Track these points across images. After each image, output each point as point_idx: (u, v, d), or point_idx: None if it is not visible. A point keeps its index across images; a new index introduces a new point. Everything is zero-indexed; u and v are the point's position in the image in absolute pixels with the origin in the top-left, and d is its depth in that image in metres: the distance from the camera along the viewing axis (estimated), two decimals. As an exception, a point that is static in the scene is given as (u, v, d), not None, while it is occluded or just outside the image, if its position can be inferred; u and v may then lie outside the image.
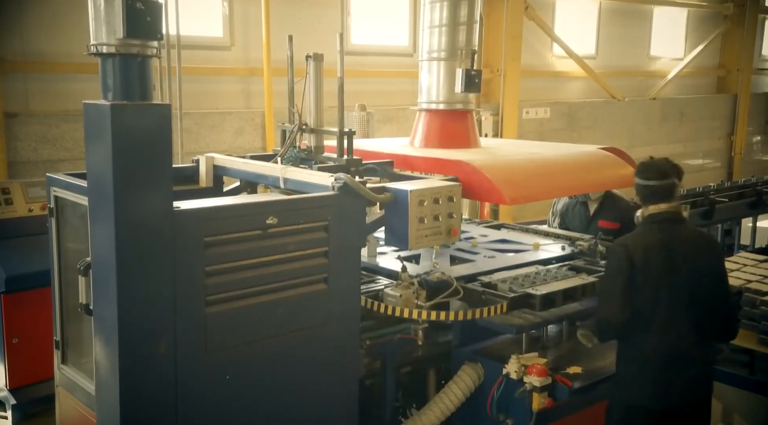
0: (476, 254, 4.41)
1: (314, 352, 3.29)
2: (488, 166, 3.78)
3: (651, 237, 3.49)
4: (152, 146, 2.69)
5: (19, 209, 5.53)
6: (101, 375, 2.93)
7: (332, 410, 3.40)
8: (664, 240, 3.49)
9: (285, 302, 3.15)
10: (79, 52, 7.79)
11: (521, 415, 3.59)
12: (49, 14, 7.82)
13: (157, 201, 2.73)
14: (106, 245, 2.72)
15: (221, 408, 3.01)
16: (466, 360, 3.83)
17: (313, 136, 4.00)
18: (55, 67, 7.90)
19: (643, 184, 3.57)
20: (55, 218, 3.64)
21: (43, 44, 7.79)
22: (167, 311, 2.82)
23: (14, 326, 5.26)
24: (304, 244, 3.19)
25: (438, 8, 4.53)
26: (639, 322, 3.43)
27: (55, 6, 7.82)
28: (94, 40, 2.84)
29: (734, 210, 8.82)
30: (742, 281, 4.21)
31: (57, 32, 7.87)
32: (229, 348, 3.01)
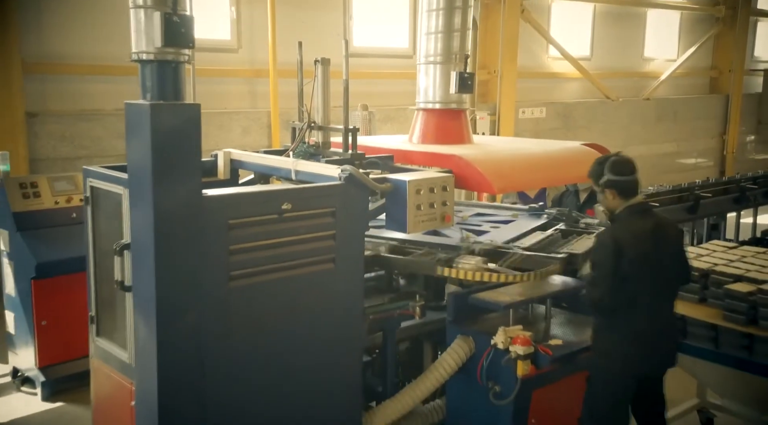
0: (481, 226, 4.80)
1: (322, 324, 3.71)
2: (479, 159, 4.21)
3: (635, 227, 3.87)
4: (184, 140, 3.11)
5: (46, 202, 5.94)
6: (140, 341, 3.35)
7: (338, 376, 3.82)
8: (646, 228, 3.88)
9: (297, 278, 3.57)
10: (93, 55, 8.31)
11: (508, 382, 4.01)
12: (64, 18, 8.22)
13: (188, 189, 3.15)
14: (145, 227, 3.14)
15: (241, 367, 3.43)
16: (459, 334, 4.26)
17: (321, 133, 4.41)
18: (70, 69, 8.31)
19: (621, 179, 3.88)
20: (90, 206, 4.06)
21: (59, 47, 8.20)
22: (196, 285, 3.23)
23: (43, 309, 5.68)
24: (314, 228, 3.61)
25: (434, 16, 4.95)
26: (627, 302, 3.83)
27: (71, 10, 8.24)
28: (135, 49, 3.27)
29: (719, 205, 9.20)
30: (709, 265, 4.63)
31: (72, 35, 8.28)
32: (249, 318, 3.43)
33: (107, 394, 4.09)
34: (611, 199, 3.92)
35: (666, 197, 8.58)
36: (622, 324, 3.86)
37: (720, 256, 4.88)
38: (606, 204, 3.98)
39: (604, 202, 3.99)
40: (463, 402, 4.31)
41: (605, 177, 3.90)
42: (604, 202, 3.99)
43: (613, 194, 3.91)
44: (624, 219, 3.90)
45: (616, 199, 3.91)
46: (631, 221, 3.87)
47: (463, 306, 4.31)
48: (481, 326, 4.25)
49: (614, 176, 3.89)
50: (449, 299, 4.35)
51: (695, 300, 4.55)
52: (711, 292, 4.48)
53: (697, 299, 4.54)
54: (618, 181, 3.89)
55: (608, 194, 3.92)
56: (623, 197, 3.90)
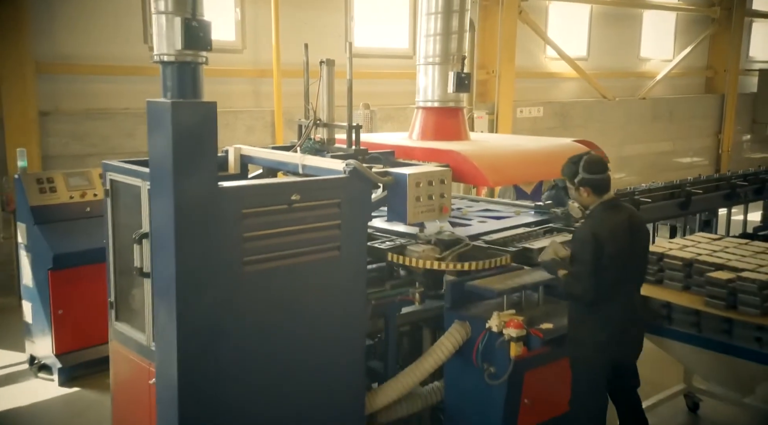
0: (470, 221, 5.09)
1: (329, 308, 3.97)
2: (475, 155, 4.48)
3: (612, 221, 4.11)
4: (202, 136, 3.37)
5: (62, 197, 6.22)
6: (160, 323, 3.60)
7: (343, 357, 4.08)
8: (622, 223, 4.13)
9: (305, 265, 3.83)
10: (102, 55, 8.58)
11: (502, 363, 4.26)
12: (75, 20, 8.50)
13: (206, 181, 3.41)
14: (166, 217, 3.40)
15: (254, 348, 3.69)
16: (456, 320, 4.52)
17: (326, 130, 4.68)
18: (80, 69, 8.60)
19: (595, 177, 4.10)
20: (110, 198, 4.33)
21: (70, 48, 8.48)
22: (213, 270, 3.50)
23: (60, 299, 5.95)
24: (320, 218, 3.87)
25: (433, 19, 5.22)
26: (605, 293, 4.10)
27: (81, 13, 8.52)
28: (156, 51, 3.54)
29: (710, 202, 9.45)
30: (693, 255, 4.89)
31: (82, 37, 8.57)
32: (261, 301, 3.69)
33: (126, 374, 4.36)
34: (586, 196, 4.13)
35: (658, 193, 8.86)
36: (596, 315, 4.09)
37: (704, 247, 5.14)
38: (581, 201, 4.19)
39: (579, 199, 4.19)
40: (460, 383, 4.57)
41: (580, 176, 4.10)
42: (579, 199, 4.19)
43: (588, 191, 4.12)
44: (599, 215, 4.10)
45: (590, 196, 4.12)
46: (606, 217, 4.07)
47: (460, 294, 4.57)
48: (477, 312, 4.51)
49: (588, 175, 4.10)
50: (447, 287, 4.61)
51: (679, 288, 4.80)
52: (694, 280, 4.73)
53: (681, 286, 4.80)
54: (592, 179, 4.10)
55: (583, 191, 4.13)
56: (597, 194, 4.12)
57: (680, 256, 4.87)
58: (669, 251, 4.99)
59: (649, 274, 4.95)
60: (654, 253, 4.99)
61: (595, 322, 4.11)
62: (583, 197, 4.14)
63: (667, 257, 4.92)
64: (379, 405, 4.35)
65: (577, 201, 4.22)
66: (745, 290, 4.37)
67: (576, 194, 4.19)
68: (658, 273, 4.94)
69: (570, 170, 4.15)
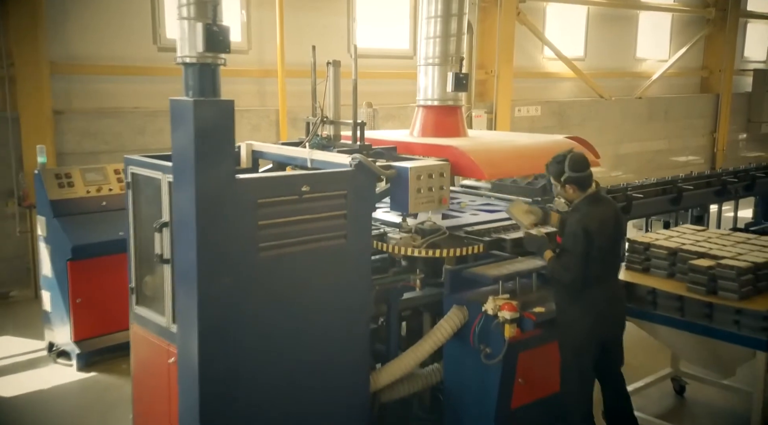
0: (463, 213, 5.41)
1: (336, 292, 4.27)
2: (472, 150, 4.78)
3: (599, 213, 4.41)
4: (221, 131, 3.67)
5: (79, 191, 6.52)
6: (181, 305, 3.90)
7: (349, 337, 4.38)
8: (607, 214, 4.45)
9: (314, 251, 4.13)
10: (113, 56, 8.88)
11: (497, 344, 4.57)
12: (87, 22, 8.80)
13: (224, 173, 3.72)
14: (187, 206, 3.70)
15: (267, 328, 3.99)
16: (454, 304, 4.83)
17: (332, 127, 4.99)
18: (93, 69, 8.89)
19: (580, 175, 4.39)
20: (131, 190, 4.63)
21: (83, 49, 8.78)
22: (230, 256, 3.80)
23: (78, 288, 6.25)
24: (328, 208, 4.17)
25: (433, 23, 5.52)
26: (592, 279, 4.40)
27: (93, 15, 8.81)
28: (179, 54, 3.84)
29: (701, 198, 9.76)
30: (678, 244, 5.20)
31: (95, 38, 8.86)
32: (274, 284, 3.99)
33: (146, 354, 4.67)
34: (571, 192, 4.43)
35: (650, 189, 9.17)
36: (582, 300, 4.40)
37: (688, 237, 5.45)
38: (566, 196, 4.48)
39: (565, 195, 4.48)
40: (458, 363, 4.88)
41: (566, 174, 4.40)
42: (565, 195, 4.48)
43: (574, 188, 4.42)
44: (584, 208, 4.40)
45: (576, 192, 4.42)
46: (592, 210, 4.37)
47: (458, 280, 4.88)
48: (474, 297, 4.82)
49: (574, 173, 4.40)
50: (446, 274, 4.92)
51: (664, 275, 5.12)
52: (678, 268, 5.05)
53: (666, 274, 5.11)
54: (578, 177, 4.40)
55: (569, 188, 4.43)
56: (582, 190, 4.43)
57: (665, 245, 5.18)
58: (655, 241, 5.30)
59: (636, 262, 5.30)
60: (641, 243, 5.31)
61: (582, 307, 4.41)
62: (569, 192, 4.44)
63: (653, 246, 5.24)
64: (383, 383, 4.66)
65: (563, 197, 4.51)
66: (725, 277, 4.69)
67: (562, 191, 4.49)
68: (645, 262, 5.25)
69: (556, 169, 4.44)
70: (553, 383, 4.74)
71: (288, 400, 4.13)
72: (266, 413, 4.05)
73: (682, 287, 4.90)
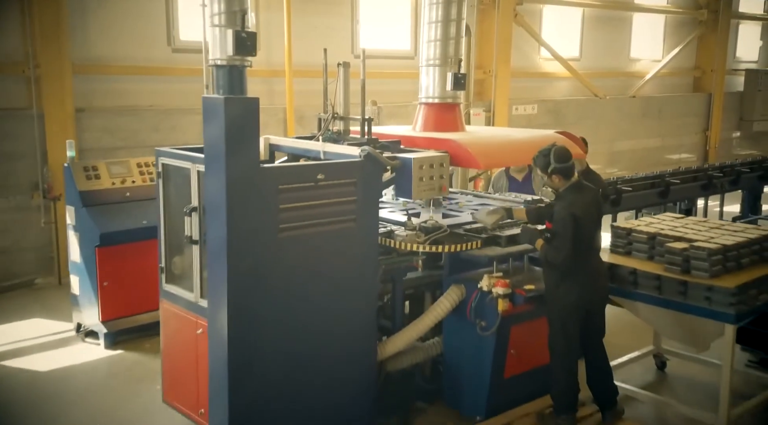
0: (461, 212, 5.92)
1: (346, 270, 4.76)
2: (468, 142, 5.28)
3: (582, 198, 4.92)
4: (248, 125, 4.17)
5: (105, 183, 7.02)
6: (212, 281, 4.38)
7: (358, 311, 4.87)
8: (588, 198, 4.97)
9: (328, 233, 4.63)
10: (130, 57, 9.38)
11: (491, 318, 5.08)
12: (106, 25, 9.31)
13: (250, 162, 4.21)
14: (218, 192, 4.18)
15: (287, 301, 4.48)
16: (453, 283, 5.33)
17: (342, 122, 5.48)
18: (111, 70, 9.40)
19: (564, 166, 4.88)
20: (162, 179, 5.13)
21: (102, 50, 9.29)
22: (255, 236, 4.29)
23: (105, 272, 6.75)
24: (340, 194, 4.66)
25: (434, 28, 6.01)
26: (579, 256, 4.91)
27: (112, 18, 9.32)
28: (211, 57, 4.34)
29: (688, 191, 10.27)
30: (657, 230, 5.69)
31: (113, 40, 9.37)
32: (293, 262, 4.48)
33: (175, 327, 5.16)
34: (557, 181, 4.92)
35: (639, 182, 9.67)
36: (570, 278, 4.90)
37: (667, 224, 5.94)
38: (553, 186, 4.98)
39: (551, 184, 4.97)
40: (456, 337, 5.39)
41: (552, 165, 4.88)
42: (551, 184, 4.97)
43: (559, 177, 4.92)
44: (569, 195, 4.90)
45: (561, 181, 4.92)
46: (576, 196, 4.88)
47: (457, 261, 5.39)
48: (471, 277, 5.32)
49: (559, 164, 4.89)
50: (445, 257, 5.43)
51: (644, 257, 5.61)
52: (656, 250, 5.54)
53: (646, 256, 5.60)
54: (563, 167, 4.90)
55: (555, 178, 4.92)
56: (566, 179, 4.93)
57: (646, 230, 5.68)
58: (637, 227, 5.80)
59: (619, 246, 5.79)
60: (624, 228, 5.80)
61: (570, 284, 4.91)
62: (555, 182, 4.94)
63: (635, 232, 5.73)
64: (389, 353, 5.16)
65: (549, 186, 5.02)
66: (697, 257, 5.18)
67: (548, 181, 4.99)
68: (627, 245, 5.74)
69: (542, 161, 4.93)
70: (542, 356, 5.23)
71: (305, 364, 4.63)
72: (286, 375, 4.54)
73: (660, 267, 5.39)
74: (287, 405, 4.58)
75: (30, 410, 5.60)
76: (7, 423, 5.39)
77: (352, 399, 4.90)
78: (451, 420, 5.40)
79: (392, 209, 5.95)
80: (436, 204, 6.03)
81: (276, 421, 4.56)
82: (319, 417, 4.76)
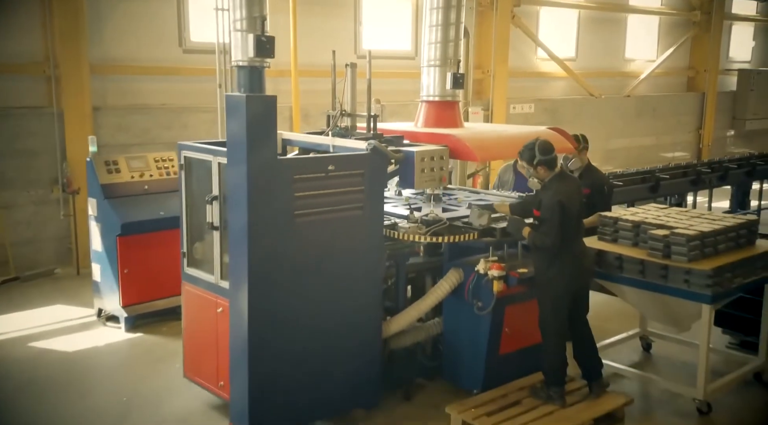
0: (460, 207, 6.35)
1: (355, 253, 5.20)
2: (466, 137, 5.73)
3: (566, 187, 5.36)
4: (267, 120, 4.62)
5: (125, 176, 7.47)
6: (233, 262, 4.81)
7: (365, 291, 5.31)
8: (572, 186, 5.41)
9: (338, 219, 5.07)
10: (143, 58, 9.84)
11: (487, 298, 5.52)
12: (121, 27, 9.75)
13: (269, 153, 4.66)
14: (239, 181, 4.62)
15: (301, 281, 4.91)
16: (452, 267, 5.77)
17: (350, 119, 5.92)
18: (125, 70, 9.85)
19: (548, 158, 5.32)
20: (184, 171, 5.58)
21: (116, 51, 9.72)
22: (273, 220, 4.73)
23: (126, 260, 7.18)
24: (349, 184, 5.10)
25: (434, 31, 6.46)
26: (565, 240, 5.35)
27: (126, 21, 9.76)
28: (234, 58, 4.80)
29: (677, 186, 10.74)
30: (641, 218, 6.13)
31: (127, 42, 9.81)
32: (306, 245, 4.92)
33: (197, 307, 5.60)
34: (542, 172, 5.36)
35: (630, 177, 10.13)
36: (558, 260, 5.33)
37: (652, 213, 6.38)
38: (538, 176, 5.39)
39: (537, 175, 5.38)
40: (455, 316, 5.83)
41: (537, 158, 5.32)
42: (537, 175, 5.38)
43: (544, 168, 5.35)
44: (554, 185, 5.33)
45: (546, 171, 5.35)
46: (561, 185, 5.32)
47: (456, 248, 5.83)
48: (469, 261, 5.76)
49: (543, 156, 5.33)
50: (445, 245, 5.86)
51: (630, 244, 6.04)
52: (641, 237, 5.98)
53: (631, 243, 6.03)
54: (547, 159, 5.35)
55: (540, 169, 5.35)
56: (550, 169, 5.38)
57: (631, 219, 6.12)
58: (623, 216, 6.24)
59: (606, 234, 6.23)
60: (611, 217, 6.25)
61: (558, 266, 5.35)
62: (540, 173, 5.38)
63: (621, 220, 6.17)
64: (393, 331, 5.61)
65: (535, 177, 5.43)
66: (677, 243, 5.63)
67: (534, 172, 5.41)
68: (614, 233, 6.18)
69: (528, 154, 5.37)
70: (534, 335, 5.65)
71: (317, 339, 5.07)
72: (301, 348, 4.99)
73: (643, 253, 5.83)
74: (301, 376, 5.03)
75: (61, 386, 6.04)
76: (41, 398, 5.82)
77: (360, 371, 5.34)
78: (450, 393, 5.84)
79: (395, 204, 6.40)
80: (436, 199, 6.48)
81: (291, 391, 5.00)
82: (330, 388, 5.21)
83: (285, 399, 4.99)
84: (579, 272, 5.43)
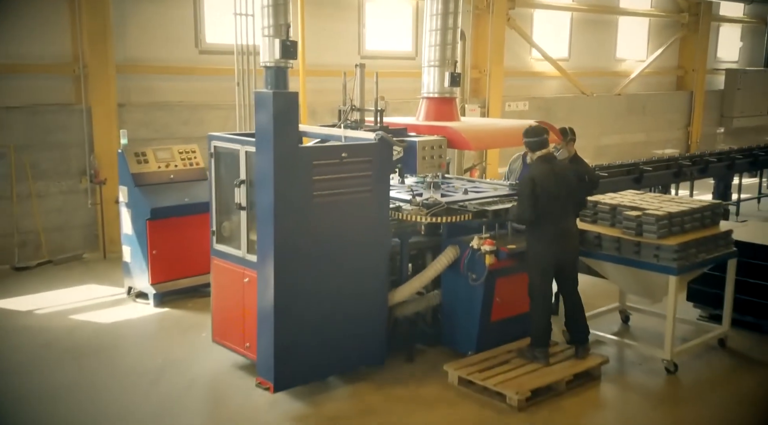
0: (456, 193, 7.12)
1: (365, 229, 5.95)
2: (462, 129, 6.50)
3: (544, 168, 6.11)
4: (290, 114, 5.37)
5: (152, 167, 8.21)
6: (260, 239, 5.55)
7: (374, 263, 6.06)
8: (550, 168, 6.14)
9: (350, 200, 5.81)
10: (163, 58, 10.59)
11: (480, 270, 6.27)
12: (143, 30, 10.48)
13: (292, 142, 5.41)
14: (266, 167, 5.38)
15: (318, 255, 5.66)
16: (450, 244, 6.53)
17: (359, 113, 6.67)
18: (147, 70, 10.58)
19: (530, 140, 6.13)
20: (214, 159, 6.33)
21: (138, 52, 10.47)
22: (295, 201, 5.48)
23: (155, 242, 7.93)
24: (359, 169, 5.84)
25: (434, 34, 7.23)
26: (542, 216, 6.08)
27: (146, 23, 10.50)
28: (262, 59, 5.56)
29: (660, 178, 11.50)
30: (618, 202, 6.88)
31: (148, 43, 10.55)
32: (323, 223, 5.67)
33: (225, 279, 6.35)
34: (529, 153, 6.18)
35: (615, 169, 10.89)
36: (542, 233, 6.09)
37: (628, 198, 7.15)
38: (530, 158, 6.21)
39: (530, 157, 6.21)
40: (452, 287, 6.58)
41: (524, 140, 6.16)
42: (530, 157, 6.21)
43: (528, 149, 6.18)
44: (536, 165, 6.12)
45: (531, 153, 6.16)
46: (540, 165, 6.09)
47: (453, 227, 6.58)
48: (465, 239, 6.52)
49: (525, 138, 6.17)
50: (444, 225, 6.61)
51: (607, 224, 6.79)
52: (617, 218, 6.73)
53: (609, 223, 6.78)
54: (529, 141, 6.16)
55: (527, 150, 6.19)
56: (532, 151, 6.15)
57: (608, 202, 6.88)
58: (602, 200, 7.00)
59: (587, 216, 6.99)
60: (591, 201, 7.00)
61: (540, 240, 6.11)
62: (528, 154, 6.18)
63: (600, 203, 6.92)
64: (397, 300, 6.36)
65: (527, 158, 6.24)
66: (647, 222, 6.39)
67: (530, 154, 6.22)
68: (594, 215, 6.94)
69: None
70: (522, 305, 6.43)
71: (333, 305, 5.83)
72: (319, 312, 5.74)
73: (619, 232, 6.60)
74: (319, 337, 5.79)
75: (101, 351, 6.79)
76: (84, 361, 6.57)
77: (368, 333, 6.10)
78: (448, 356, 6.58)
79: (399, 190, 7.15)
80: (435, 186, 7.24)
81: (310, 352, 5.76)
82: (344, 348, 5.97)
83: (305, 357, 5.75)
84: (561, 249, 6.17)
